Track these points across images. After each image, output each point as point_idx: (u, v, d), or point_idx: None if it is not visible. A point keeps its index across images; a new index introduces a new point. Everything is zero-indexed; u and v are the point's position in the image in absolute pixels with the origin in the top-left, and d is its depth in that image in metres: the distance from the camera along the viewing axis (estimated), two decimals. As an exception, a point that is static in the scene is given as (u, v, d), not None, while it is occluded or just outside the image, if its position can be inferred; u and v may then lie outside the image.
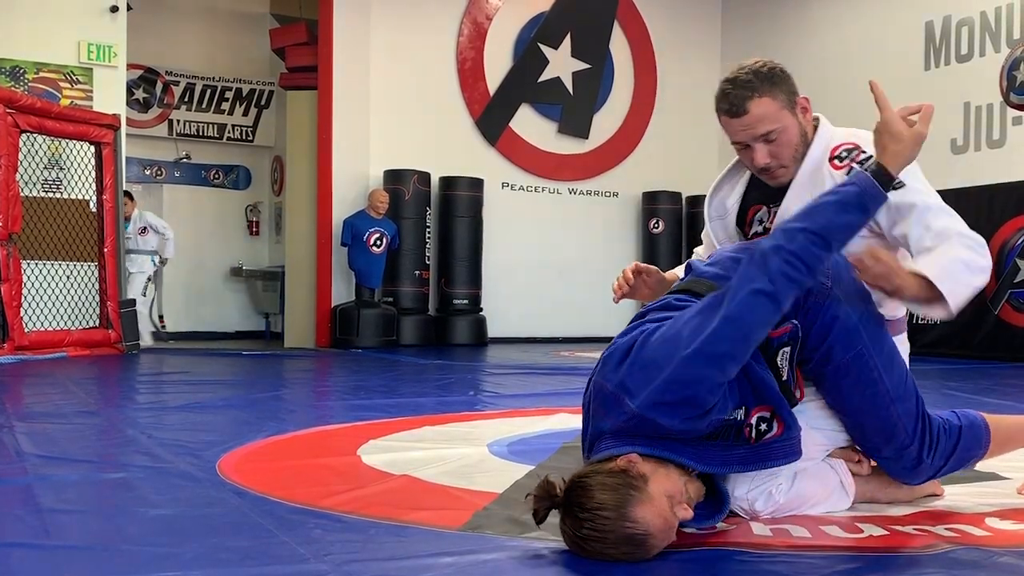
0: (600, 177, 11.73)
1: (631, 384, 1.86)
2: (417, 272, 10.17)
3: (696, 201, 11.61)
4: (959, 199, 8.81)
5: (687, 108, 12.04)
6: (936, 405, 4.56)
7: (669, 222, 11.52)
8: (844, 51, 10.40)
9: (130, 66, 9.98)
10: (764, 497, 2.07)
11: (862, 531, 2.02)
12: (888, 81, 8.91)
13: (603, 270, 11.53)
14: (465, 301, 10.41)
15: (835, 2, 10.59)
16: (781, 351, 2.02)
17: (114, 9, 9.03)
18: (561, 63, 11.50)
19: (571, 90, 11.56)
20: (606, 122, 11.76)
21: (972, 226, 2.35)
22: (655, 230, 11.51)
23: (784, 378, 2.02)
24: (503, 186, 11.17)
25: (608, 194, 11.76)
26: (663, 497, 1.76)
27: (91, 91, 8.96)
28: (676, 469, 1.85)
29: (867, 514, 2.17)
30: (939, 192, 2.49)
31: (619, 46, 11.84)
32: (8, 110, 7.46)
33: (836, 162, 2.34)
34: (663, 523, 1.75)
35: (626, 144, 11.86)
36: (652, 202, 11.58)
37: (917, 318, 9.21)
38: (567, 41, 11.50)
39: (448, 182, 10.54)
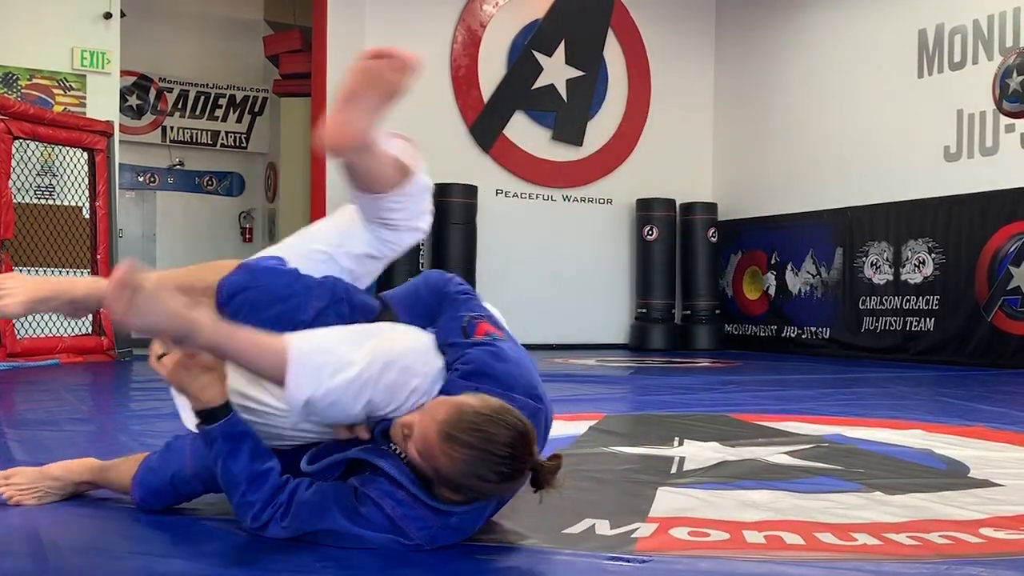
0: (594, 184, 11.74)
1: None
2: (411, 279, 10.15)
3: (690, 208, 11.64)
4: (952, 207, 8.88)
5: (681, 115, 12.08)
6: (931, 413, 4.56)
7: (663, 229, 11.52)
8: (837, 58, 10.43)
9: (123, 72, 10.00)
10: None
11: (856, 539, 2.02)
12: (881, 88, 8.98)
13: (597, 277, 11.57)
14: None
15: (828, 9, 10.63)
16: None
17: (107, 16, 9.03)
18: (555, 70, 11.51)
19: (565, 97, 11.57)
20: (600, 129, 11.77)
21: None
22: (649, 237, 11.51)
23: None
24: (497, 193, 11.17)
25: (602, 201, 11.77)
26: None
27: (84, 98, 8.97)
28: None
29: (859, 523, 2.18)
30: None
31: (613, 53, 11.86)
32: (1, 116, 7.45)
33: None
34: None
35: (620, 151, 11.87)
36: (646, 209, 11.59)
37: (910, 325, 9.24)
38: (561, 48, 11.52)
39: (442, 189, 10.52)
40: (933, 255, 9.09)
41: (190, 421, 2.11)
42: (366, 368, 1.82)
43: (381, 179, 2.07)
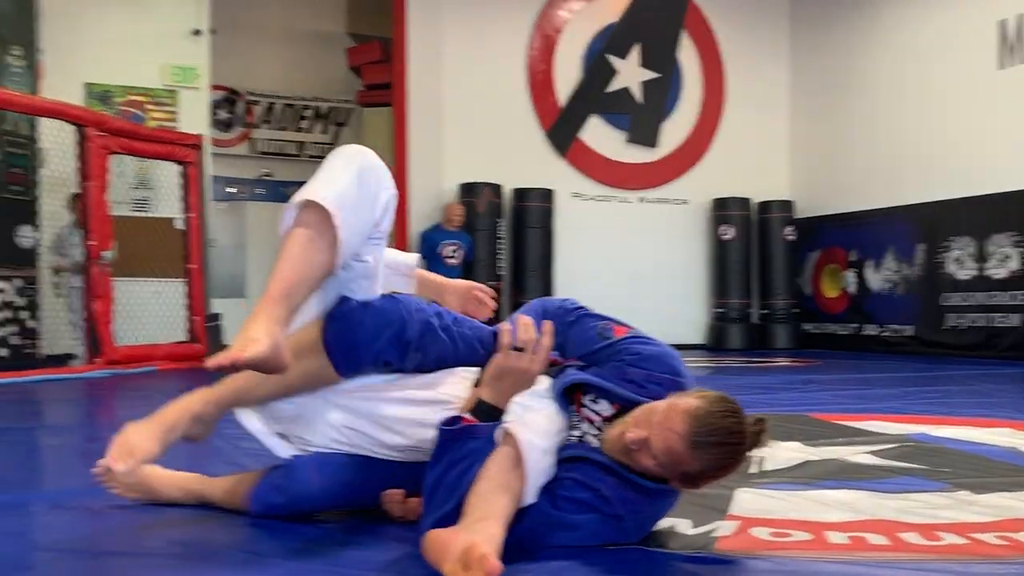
0: (669, 185, 11.77)
1: None
2: (491, 283, 10.30)
3: (767, 207, 11.60)
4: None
5: (756, 113, 12.03)
6: (1019, 410, 4.49)
7: (739, 228, 11.51)
8: (915, 51, 10.30)
9: (212, 87, 10.27)
10: None
11: (942, 539, 2.01)
12: (961, 81, 8.87)
13: (674, 278, 11.57)
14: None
15: (905, 3, 10.50)
16: None
17: (197, 32, 9.34)
18: (630, 73, 11.57)
19: (640, 99, 11.62)
20: (675, 130, 11.78)
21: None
22: (725, 236, 11.51)
23: None
24: (573, 196, 11.25)
25: (677, 202, 11.79)
26: None
27: (176, 112, 9.27)
28: None
29: (946, 522, 2.16)
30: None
31: (687, 54, 11.87)
32: (98, 133, 7.65)
33: None
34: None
35: (695, 151, 11.88)
36: (722, 208, 11.59)
37: (995, 321, 9.11)
38: (635, 51, 11.57)
39: (520, 193, 10.68)
40: (1019, 249, 8.96)
41: (283, 450, 2.16)
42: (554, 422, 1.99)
43: (324, 271, 1.99)
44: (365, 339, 2.02)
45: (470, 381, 2.12)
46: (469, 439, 1.85)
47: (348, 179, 2.02)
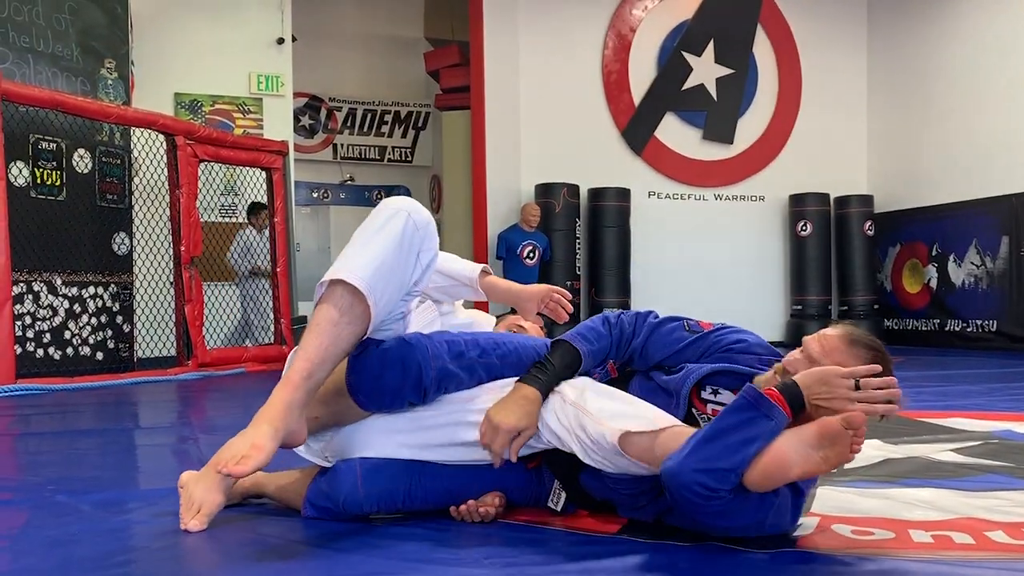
0: (746, 182, 11.72)
1: None
2: (568, 282, 10.38)
3: (845, 201, 11.48)
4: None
5: (834, 107, 11.92)
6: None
7: (817, 224, 11.41)
8: (995, 41, 10.11)
9: (296, 94, 10.53)
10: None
11: None
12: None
13: (751, 275, 11.52)
14: (615, 309, 10.54)
15: (986, -7, 10.31)
16: None
17: (280, 41, 9.58)
18: (705, 70, 11.54)
19: (715, 96, 11.59)
20: (751, 126, 11.73)
21: None
22: (803, 233, 11.43)
23: None
24: (649, 195, 11.28)
25: (754, 198, 11.73)
26: None
27: (261, 120, 9.51)
28: None
29: None
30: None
31: (763, 49, 11.80)
32: (188, 141, 7.84)
33: None
34: None
35: (771, 147, 11.81)
36: (799, 204, 11.50)
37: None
38: (710, 47, 11.54)
39: (596, 193, 10.73)
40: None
41: (325, 463, 2.17)
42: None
43: (353, 343, 2.01)
44: (386, 388, 2.06)
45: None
46: (764, 417, 1.77)
47: (387, 246, 1.98)
